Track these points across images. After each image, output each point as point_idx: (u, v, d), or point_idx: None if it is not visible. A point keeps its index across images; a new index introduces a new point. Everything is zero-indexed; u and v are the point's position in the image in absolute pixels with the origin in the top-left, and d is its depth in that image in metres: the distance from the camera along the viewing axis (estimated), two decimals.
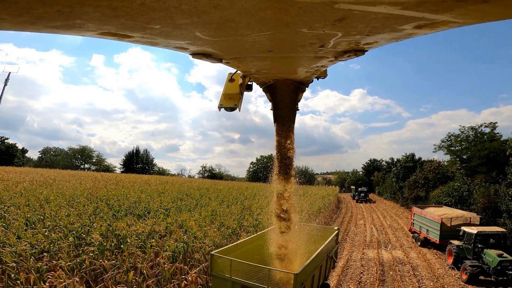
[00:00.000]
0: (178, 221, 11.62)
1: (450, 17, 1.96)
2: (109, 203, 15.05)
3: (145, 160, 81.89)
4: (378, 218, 28.72)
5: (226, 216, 13.80)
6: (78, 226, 9.17)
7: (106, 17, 1.86)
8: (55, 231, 8.67)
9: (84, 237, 8.35)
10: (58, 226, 9.23)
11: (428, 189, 26.82)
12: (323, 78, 6.01)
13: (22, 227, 8.86)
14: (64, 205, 13.68)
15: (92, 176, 37.63)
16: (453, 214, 14.76)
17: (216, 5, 1.77)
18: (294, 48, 2.96)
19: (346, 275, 11.80)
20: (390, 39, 2.59)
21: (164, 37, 2.45)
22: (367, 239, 18.89)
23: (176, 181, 42.23)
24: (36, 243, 7.40)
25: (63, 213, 11.47)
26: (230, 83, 5.85)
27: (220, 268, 5.86)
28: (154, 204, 16.32)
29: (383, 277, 11.72)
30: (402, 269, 12.91)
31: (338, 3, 1.76)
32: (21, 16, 1.74)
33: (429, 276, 12.10)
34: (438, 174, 27.89)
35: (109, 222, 10.28)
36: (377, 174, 54.23)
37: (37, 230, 8.61)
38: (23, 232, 8.18)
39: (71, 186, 23.08)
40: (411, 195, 31.43)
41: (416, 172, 31.65)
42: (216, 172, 79.22)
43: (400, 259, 14.32)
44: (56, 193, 17.63)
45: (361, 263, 13.49)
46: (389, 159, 52.68)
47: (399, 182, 37.62)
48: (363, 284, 10.94)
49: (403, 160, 39.74)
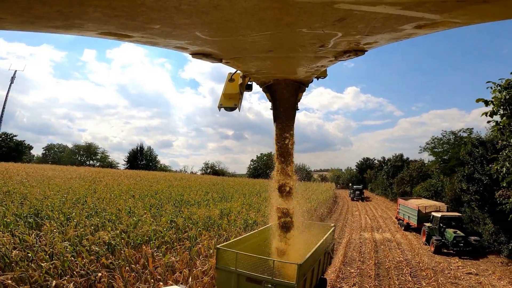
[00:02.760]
0: (227, 208, 15.76)
1: (450, 17, 1.96)
2: (163, 196, 19.06)
3: (149, 157, 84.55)
4: (371, 210, 33.48)
5: (258, 204, 18.07)
6: (172, 212, 13.24)
7: (106, 17, 1.87)
8: (158, 216, 12.71)
9: (175, 220, 12.37)
10: (157, 213, 13.28)
11: (413, 185, 31.76)
12: (323, 78, 6.06)
13: (124, 216, 12.86)
14: (131, 198, 17.63)
15: (116, 173, 41.11)
16: (427, 204, 19.38)
17: (216, 5, 1.77)
18: (294, 48, 2.99)
19: (350, 248, 16.19)
20: (390, 39, 2.60)
21: (164, 37, 2.46)
22: (362, 225, 23.48)
23: (188, 178, 46.11)
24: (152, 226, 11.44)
25: (140, 204, 15.44)
26: (230, 83, 5.89)
27: (226, 261, 6.01)
28: (194, 196, 20.43)
29: (376, 249, 16.15)
30: (390, 244, 17.38)
31: (338, 3, 1.77)
32: (21, 16, 1.75)
33: (409, 249, 16.58)
34: (420, 172, 32.87)
35: (182, 209, 14.36)
36: (369, 172, 59.47)
37: (138, 216, 12.63)
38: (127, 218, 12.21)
39: (113, 183, 26.88)
40: (399, 190, 36.27)
41: (403, 171, 36.61)
42: (218, 168, 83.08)
43: (388, 238, 18.84)
44: (116, 188, 21.53)
45: (359, 241, 17.94)
46: (381, 158, 57.99)
47: (389, 179, 42.62)
48: (362, 253, 15.33)
49: (393, 160, 44.86)
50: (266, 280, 5.45)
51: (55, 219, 10.21)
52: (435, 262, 13.81)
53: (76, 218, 10.39)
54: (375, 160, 64.85)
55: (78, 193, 17.21)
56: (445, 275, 12.05)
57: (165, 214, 12.89)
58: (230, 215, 13.90)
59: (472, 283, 11.14)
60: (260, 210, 15.95)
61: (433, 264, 13.54)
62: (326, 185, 53.35)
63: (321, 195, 32.52)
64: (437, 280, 11.30)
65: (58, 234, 8.25)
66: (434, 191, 24.31)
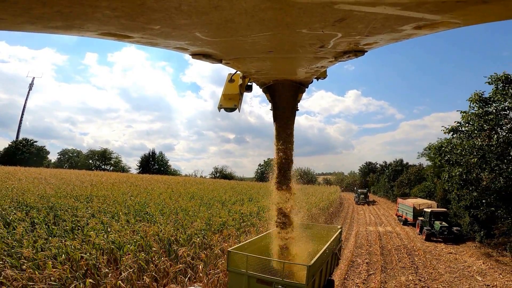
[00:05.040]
0: (261, 206, 19.97)
1: (450, 17, 1.96)
2: (205, 198, 23.35)
3: (161, 162, 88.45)
4: (374, 210, 37.78)
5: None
6: (222, 208, 17.53)
7: (106, 18, 1.88)
8: (216, 212, 16.98)
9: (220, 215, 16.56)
10: (212, 210, 17.55)
11: (411, 187, 36.11)
12: (323, 78, 6.09)
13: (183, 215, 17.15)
14: (179, 199, 21.92)
15: (139, 177, 45.42)
16: (421, 202, 23.66)
17: (216, 6, 1.78)
18: (294, 48, 3.00)
19: (359, 237, 20.45)
20: (390, 40, 2.61)
21: (164, 38, 2.46)
22: (367, 221, 27.79)
23: (205, 182, 50.31)
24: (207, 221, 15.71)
25: (190, 204, 19.67)
26: (230, 84, 5.90)
27: (237, 263, 6.10)
28: (228, 197, 24.69)
29: (380, 238, 20.40)
30: (391, 235, 21.63)
31: (338, 4, 1.78)
32: (21, 16, 1.75)
33: (406, 237, 20.82)
34: (417, 176, 37.22)
35: (228, 207, 18.60)
36: (372, 176, 63.81)
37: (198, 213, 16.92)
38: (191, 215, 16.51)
39: (148, 186, 31.21)
40: (399, 192, 40.52)
41: (403, 174, 40.98)
42: (227, 173, 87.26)
43: (389, 231, 23.10)
44: (157, 191, 25.88)
45: (366, 232, 22.21)
46: (383, 162, 62.41)
47: (390, 182, 46.94)
48: (369, 240, 19.57)
49: (394, 165, 49.32)
50: (276, 281, 5.52)
51: (164, 216, 14.49)
52: (425, 246, 18.06)
53: (172, 215, 14.66)
54: (377, 164, 69.35)
55: (154, 196, 21.55)
56: (432, 254, 16.27)
57: (219, 211, 17.15)
58: (266, 212, 18.15)
59: (450, 259, 15.36)
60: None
61: (424, 247, 17.78)
62: (332, 188, 57.52)
63: (331, 196, 36.81)
64: (425, 257, 15.52)
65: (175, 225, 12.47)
66: (428, 192, 28.70)
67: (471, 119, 14.74)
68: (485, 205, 15.05)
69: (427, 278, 12.14)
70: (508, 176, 13.35)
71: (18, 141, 72.71)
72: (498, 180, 13.76)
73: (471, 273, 12.97)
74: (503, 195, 14.08)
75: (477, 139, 14.08)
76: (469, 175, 15.06)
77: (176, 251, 8.50)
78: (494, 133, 13.68)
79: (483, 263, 14.32)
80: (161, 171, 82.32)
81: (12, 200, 14.17)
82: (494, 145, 13.59)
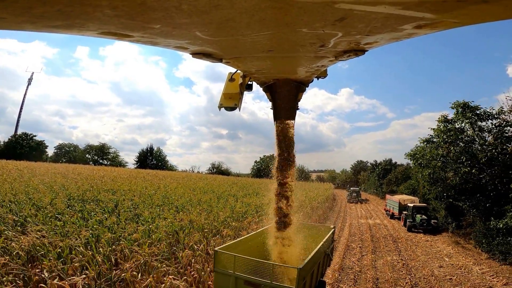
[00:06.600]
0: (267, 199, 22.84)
1: (450, 17, 1.97)
2: (216, 191, 26.04)
3: (158, 157, 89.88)
4: (365, 205, 41.41)
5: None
6: (234, 200, 20.33)
7: (106, 17, 1.88)
8: (231, 204, 19.76)
9: (234, 205, 19.32)
10: (225, 203, 20.32)
11: (398, 185, 39.83)
12: (323, 77, 6.11)
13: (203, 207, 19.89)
14: (194, 193, 24.55)
15: (141, 172, 47.50)
16: (406, 198, 27.10)
17: (216, 5, 1.78)
18: (294, 48, 3.01)
19: (352, 228, 23.68)
20: (390, 39, 2.62)
21: (164, 37, 2.47)
22: (359, 215, 31.19)
23: (206, 177, 52.74)
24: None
25: (206, 197, 22.33)
26: (230, 83, 5.93)
27: (223, 264, 5.89)
28: (235, 192, 27.45)
29: (370, 228, 23.70)
30: (379, 226, 24.98)
31: (338, 3, 1.78)
32: (21, 15, 1.75)
33: (392, 228, 24.18)
34: (404, 175, 40.95)
35: (241, 200, 21.38)
36: (363, 174, 67.77)
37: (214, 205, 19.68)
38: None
39: (154, 181, 33.63)
40: (388, 189, 44.21)
41: (391, 173, 44.69)
42: (224, 169, 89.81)
43: (378, 223, 26.48)
44: (176, 187, 28.42)
45: (358, 224, 25.50)
46: (373, 161, 66.45)
47: (380, 180, 50.73)
48: (361, 230, 22.80)
49: (383, 164, 53.16)
50: (264, 284, 5.33)
51: (191, 208, 17.14)
52: (408, 235, 21.43)
53: (194, 207, 17.35)
54: (368, 163, 73.45)
55: (171, 190, 24.08)
56: (412, 241, 19.59)
57: (234, 203, 19.89)
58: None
59: (426, 245, 18.69)
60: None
61: (406, 236, 21.13)
62: (325, 185, 61.07)
63: (326, 192, 40.14)
64: (407, 243, 18.80)
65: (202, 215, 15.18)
66: (412, 189, 32.30)
67: (438, 134, 20.12)
68: (445, 197, 20.33)
69: (407, 258, 15.34)
70: (462, 176, 18.31)
71: (18, 135, 73.09)
72: (455, 179, 18.70)
73: (441, 255, 16.26)
74: (458, 189, 18.91)
75: (439, 149, 19.66)
76: (435, 175, 20.34)
77: (220, 231, 11.31)
78: (453, 146, 18.94)
79: (452, 249, 17.66)
80: (159, 167, 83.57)
81: (65, 195, 16.50)
82: (452, 154, 18.73)
